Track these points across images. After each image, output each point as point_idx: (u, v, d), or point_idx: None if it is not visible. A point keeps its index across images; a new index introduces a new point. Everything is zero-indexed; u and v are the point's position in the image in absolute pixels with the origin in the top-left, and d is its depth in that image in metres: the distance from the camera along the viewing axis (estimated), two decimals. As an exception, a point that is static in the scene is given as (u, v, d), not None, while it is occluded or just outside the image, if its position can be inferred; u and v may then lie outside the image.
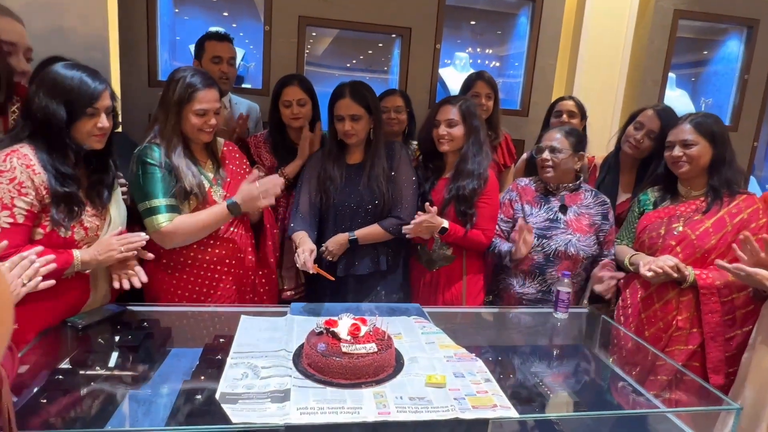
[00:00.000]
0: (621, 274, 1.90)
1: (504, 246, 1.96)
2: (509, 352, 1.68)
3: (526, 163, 2.55)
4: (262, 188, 1.69)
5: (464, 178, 1.95)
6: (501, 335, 1.87)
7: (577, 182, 2.00)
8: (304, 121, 2.14)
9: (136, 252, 1.54)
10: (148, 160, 1.62)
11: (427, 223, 1.89)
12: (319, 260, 1.84)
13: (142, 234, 1.56)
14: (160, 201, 1.61)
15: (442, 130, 1.96)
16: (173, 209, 1.63)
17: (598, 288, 1.87)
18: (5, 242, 1.20)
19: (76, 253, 1.45)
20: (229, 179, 1.81)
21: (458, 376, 1.30)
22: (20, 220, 1.35)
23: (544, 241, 1.93)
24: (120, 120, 1.58)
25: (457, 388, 1.24)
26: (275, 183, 1.71)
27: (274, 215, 2.14)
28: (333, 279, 1.68)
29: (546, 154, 1.95)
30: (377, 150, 1.97)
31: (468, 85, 2.49)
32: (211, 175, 1.76)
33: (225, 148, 1.85)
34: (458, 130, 1.96)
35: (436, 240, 2.05)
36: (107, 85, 1.44)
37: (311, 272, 1.63)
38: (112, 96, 1.47)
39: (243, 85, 3.04)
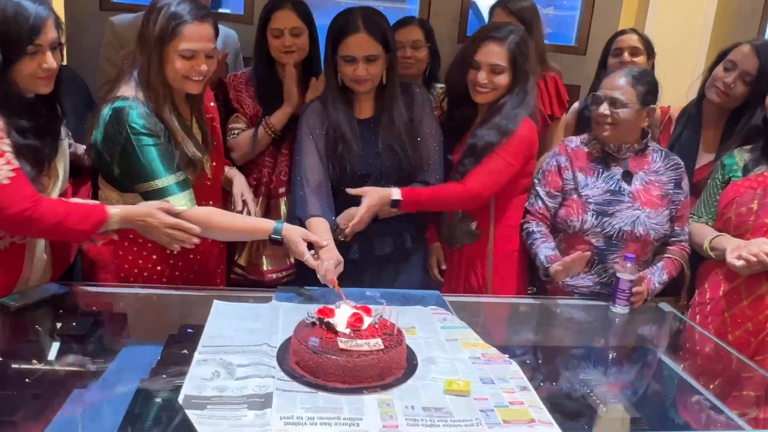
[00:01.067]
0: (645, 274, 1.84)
1: (542, 249, 1.89)
2: (552, 354, 1.67)
3: (577, 116, 2.50)
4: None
5: (487, 128, 1.93)
6: (542, 332, 1.86)
7: (644, 141, 1.95)
8: (298, 56, 2.10)
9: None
10: (138, 127, 1.57)
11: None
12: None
13: (196, 227, 1.59)
14: (168, 179, 1.60)
15: (483, 77, 1.90)
16: (185, 185, 1.63)
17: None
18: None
19: (113, 210, 1.51)
20: (215, 143, 1.80)
21: (486, 382, 1.30)
22: (16, 164, 1.39)
23: (604, 219, 1.88)
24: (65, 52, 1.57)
25: (484, 396, 1.23)
26: None
27: (257, 178, 2.14)
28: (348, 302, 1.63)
29: (604, 108, 1.88)
30: (394, 99, 1.93)
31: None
32: (198, 138, 1.73)
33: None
34: (504, 78, 1.91)
35: (455, 211, 2.02)
36: (50, 11, 1.41)
37: (330, 286, 1.62)
38: (57, 25, 1.44)
39: (221, 10, 3.00)
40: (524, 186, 2.05)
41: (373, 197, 1.82)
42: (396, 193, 1.86)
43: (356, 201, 1.90)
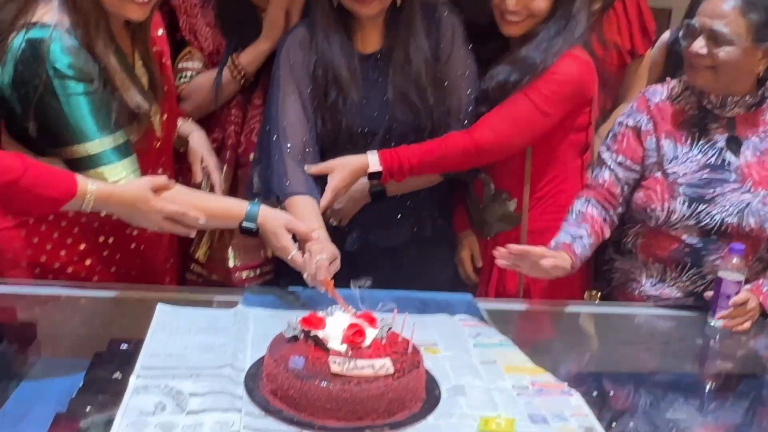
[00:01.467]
0: None
1: (560, 233, 1.91)
2: (627, 383, 1.67)
3: (666, 52, 2.51)
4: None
5: (505, 65, 1.96)
6: (613, 353, 1.87)
7: (760, 92, 1.93)
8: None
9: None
10: (63, 67, 1.56)
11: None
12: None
13: (200, 218, 1.60)
14: (103, 143, 1.60)
15: (513, 2, 1.92)
16: (126, 150, 1.63)
17: None
18: None
19: (90, 187, 1.49)
20: (166, 87, 1.83)
21: (537, 420, 1.30)
22: None
23: (700, 207, 1.87)
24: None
25: (535, 441, 1.24)
26: None
27: (220, 139, 2.16)
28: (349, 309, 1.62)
29: (700, 44, 1.84)
30: (412, 26, 1.94)
31: None
32: (144, 81, 1.75)
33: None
34: (542, 2, 1.94)
35: (486, 183, 2.04)
36: None
37: (322, 290, 1.63)
38: None
39: None
40: (577, 146, 2.07)
41: (343, 173, 1.84)
42: (374, 161, 1.85)
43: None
